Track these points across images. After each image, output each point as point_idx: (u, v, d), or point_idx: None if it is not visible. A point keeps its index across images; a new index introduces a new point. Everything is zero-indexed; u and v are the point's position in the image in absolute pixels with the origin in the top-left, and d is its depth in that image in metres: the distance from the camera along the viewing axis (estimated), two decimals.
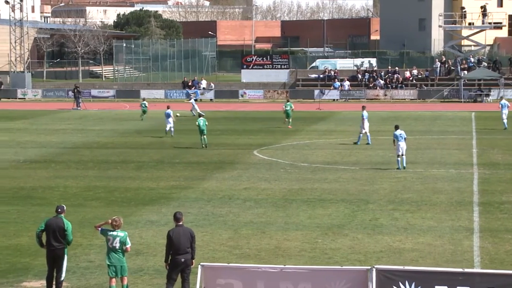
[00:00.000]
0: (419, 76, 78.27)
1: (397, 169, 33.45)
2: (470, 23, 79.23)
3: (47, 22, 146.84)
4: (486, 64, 78.02)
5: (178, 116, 48.97)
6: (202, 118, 40.78)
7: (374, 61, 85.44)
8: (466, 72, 75.62)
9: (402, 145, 33.43)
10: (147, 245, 20.97)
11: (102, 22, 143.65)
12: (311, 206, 26.25)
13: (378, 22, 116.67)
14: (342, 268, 16.10)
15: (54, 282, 17.14)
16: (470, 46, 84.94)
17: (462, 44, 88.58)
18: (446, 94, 73.34)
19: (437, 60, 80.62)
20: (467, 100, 72.00)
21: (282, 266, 15.84)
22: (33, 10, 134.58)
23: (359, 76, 78.66)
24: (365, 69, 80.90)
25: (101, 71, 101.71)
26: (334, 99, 74.92)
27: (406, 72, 78.48)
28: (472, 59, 78.39)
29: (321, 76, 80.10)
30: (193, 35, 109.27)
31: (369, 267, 15.16)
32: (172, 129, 45.87)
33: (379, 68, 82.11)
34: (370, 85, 77.04)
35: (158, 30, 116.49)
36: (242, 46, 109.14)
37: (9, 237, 22.31)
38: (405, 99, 73.92)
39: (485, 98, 71.59)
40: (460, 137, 45.27)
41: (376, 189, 29.26)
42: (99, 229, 16.81)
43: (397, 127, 33.95)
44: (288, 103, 52.43)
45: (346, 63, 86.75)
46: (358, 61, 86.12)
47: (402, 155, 33.52)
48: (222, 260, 19.42)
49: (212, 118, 57.95)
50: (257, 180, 31.27)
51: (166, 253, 16.46)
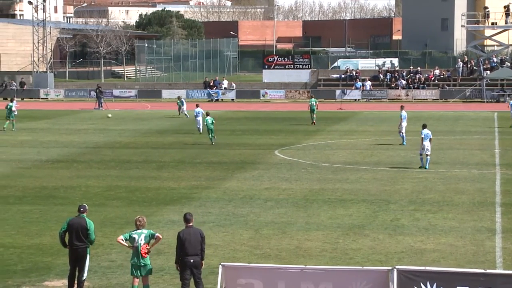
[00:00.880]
0: (441, 76, 77.88)
1: (420, 167, 33.36)
2: (493, 23, 78.76)
3: (70, 22, 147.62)
4: (509, 64, 77.52)
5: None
6: (210, 117, 41.85)
7: (396, 61, 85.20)
8: (488, 72, 75.21)
9: (426, 144, 33.34)
10: (168, 244, 21.00)
11: (124, 22, 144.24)
12: (332, 206, 26.21)
13: (400, 22, 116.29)
14: (363, 268, 16.06)
15: (75, 282, 17.22)
16: (493, 46, 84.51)
17: (485, 44, 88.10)
18: (468, 94, 72.98)
19: (459, 60, 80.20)
20: (490, 100, 71.63)
21: (303, 266, 15.82)
22: (56, 11, 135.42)
23: (381, 76, 78.44)
24: (387, 69, 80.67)
25: (123, 71, 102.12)
26: (355, 99, 74.78)
27: (428, 72, 78.21)
28: (494, 59, 77.91)
29: (342, 76, 79.93)
30: (214, 35, 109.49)
31: (390, 268, 15.11)
32: (200, 127, 46.50)
33: (401, 68, 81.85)
34: (392, 85, 76.80)
35: (180, 30, 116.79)
36: (263, 46, 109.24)
37: (31, 236, 22.45)
38: (427, 99, 73.63)
39: (507, 98, 71.12)
40: (482, 137, 45.02)
41: (397, 189, 29.16)
42: (122, 240, 16.57)
43: (424, 126, 33.92)
44: (312, 99, 53.24)
45: (367, 63, 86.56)
46: (380, 61, 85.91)
47: (427, 155, 33.42)
48: (243, 260, 19.43)
49: (233, 118, 58.09)
50: (278, 180, 31.27)
51: (177, 254, 16.50)
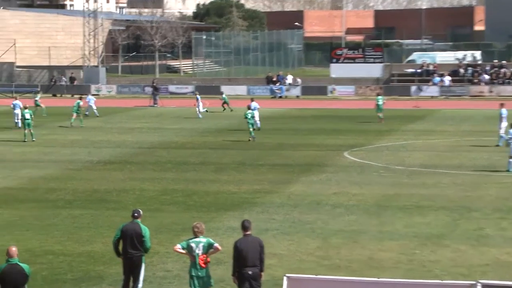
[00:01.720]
0: None
1: (506, 171, 32.90)
2: None
3: (123, 13, 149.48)
4: None
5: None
6: (250, 112, 44.17)
7: (478, 54, 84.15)
8: None
9: None
10: (228, 254, 20.97)
11: (180, 12, 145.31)
12: (408, 213, 26.00)
13: (483, 10, 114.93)
14: (443, 282, 15.88)
15: None
16: None
17: None
18: None
19: None
20: None
21: (376, 279, 15.73)
22: (107, 1, 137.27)
23: (461, 70, 77.52)
24: (467, 63, 79.75)
25: (179, 66, 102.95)
26: (433, 96, 74.09)
27: None
28: None
29: (418, 70, 79.23)
30: (278, 27, 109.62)
31: (473, 282, 14.94)
32: (258, 123, 47.33)
33: (484, 61, 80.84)
34: (474, 80, 75.87)
35: (241, 21, 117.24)
36: (331, 38, 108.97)
37: (82, 243, 22.73)
38: None
39: None
40: None
41: (480, 195, 28.80)
42: (179, 248, 16.56)
43: None
44: (379, 97, 53.23)
45: (446, 57, 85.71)
46: (460, 54, 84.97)
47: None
48: (309, 271, 19.39)
49: (298, 117, 58.05)
50: (347, 184, 31.17)
51: (234, 265, 16.52)
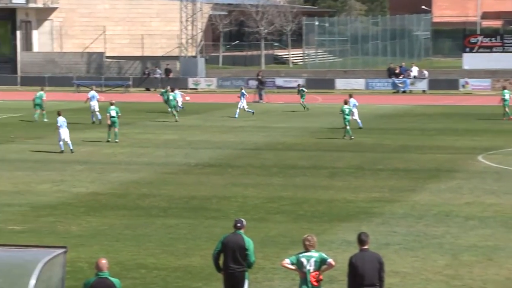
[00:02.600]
0: None
1: None
2: None
3: None
4: None
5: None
6: (347, 107, 45.34)
7: None
8: None
9: None
10: (344, 271, 20.96)
11: None
12: None
13: None
14: None
15: None
16: None
17: None
18: None
19: None
20: None
21: None
22: None
23: None
24: None
25: (287, 56, 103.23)
26: None
27: None
28: None
29: None
30: (401, 11, 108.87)
31: None
32: (359, 122, 47.99)
33: None
34: None
35: (358, 4, 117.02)
36: (464, 23, 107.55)
37: (178, 256, 23.01)
38: None
39: None
40: None
41: None
42: (288, 264, 16.64)
43: None
44: (506, 91, 52.91)
45: None
46: None
47: None
48: None
49: (424, 115, 57.55)
50: (482, 193, 30.81)
51: (348, 284, 16.53)
